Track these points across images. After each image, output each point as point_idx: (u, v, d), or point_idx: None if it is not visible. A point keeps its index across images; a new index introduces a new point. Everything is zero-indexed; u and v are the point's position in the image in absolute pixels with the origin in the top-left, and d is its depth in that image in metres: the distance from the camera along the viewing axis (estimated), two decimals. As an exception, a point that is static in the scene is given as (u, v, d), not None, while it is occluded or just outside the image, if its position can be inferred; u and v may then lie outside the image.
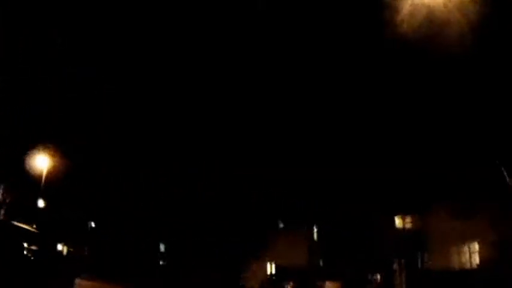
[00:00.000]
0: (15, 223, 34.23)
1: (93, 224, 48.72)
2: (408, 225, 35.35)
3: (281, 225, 40.74)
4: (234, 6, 32.63)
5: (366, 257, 35.61)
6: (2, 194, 37.91)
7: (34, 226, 37.28)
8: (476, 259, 33.07)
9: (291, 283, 37.55)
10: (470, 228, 32.38)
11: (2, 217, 37.64)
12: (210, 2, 33.76)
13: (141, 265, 41.41)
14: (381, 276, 34.73)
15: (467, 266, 33.23)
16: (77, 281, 34.42)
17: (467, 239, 33.25)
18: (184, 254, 40.74)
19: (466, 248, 33.53)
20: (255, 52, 33.14)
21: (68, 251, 45.82)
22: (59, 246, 43.71)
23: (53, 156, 38.72)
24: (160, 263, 43.10)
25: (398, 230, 35.59)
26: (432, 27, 25.23)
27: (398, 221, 35.73)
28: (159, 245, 43.43)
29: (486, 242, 32.45)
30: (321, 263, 38.15)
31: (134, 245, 43.12)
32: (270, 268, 40.84)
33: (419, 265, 33.78)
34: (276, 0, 31.74)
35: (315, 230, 39.99)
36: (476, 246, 33.15)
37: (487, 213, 31.08)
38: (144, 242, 43.32)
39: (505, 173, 28.87)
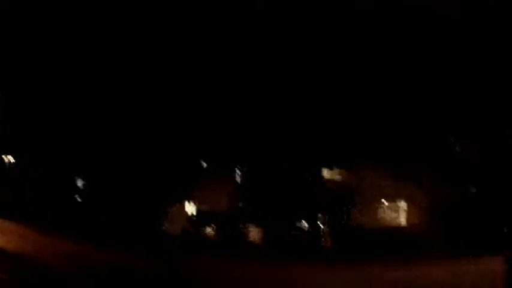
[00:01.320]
0: None
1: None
2: (337, 178, 35.35)
3: (204, 166, 39.57)
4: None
5: (291, 205, 35.57)
6: None
7: None
8: (404, 219, 33.78)
9: (214, 227, 37.04)
10: (401, 188, 32.85)
11: None
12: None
13: (52, 201, 39.41)
14: (308, 225, 34.89)
15: (394, 224, 33.95)
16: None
17: (396, 198, 33.79)
18: (104, 192, 38.96)
19: (394, 207, 34.12)
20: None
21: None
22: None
23: None
24: (78, 200, 40.94)
25: (326, 181, 35.56)
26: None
27: (326, 173, 35.65)
28: (75, 180, 41.07)
29: (415, 204, 33.10)
30: (245, 208, 37.78)
31: (44, 178, 40.79)
32: (192, 212, 39.98)
33: (346, 219, 34.11)
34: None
35: (240, 172, 39.29)
36: (405, 206, 33.77)
37: (422, 176, 31.51)
38: (58, 176, 41.04)
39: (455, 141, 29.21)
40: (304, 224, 35.14)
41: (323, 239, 33.16)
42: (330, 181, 35.06)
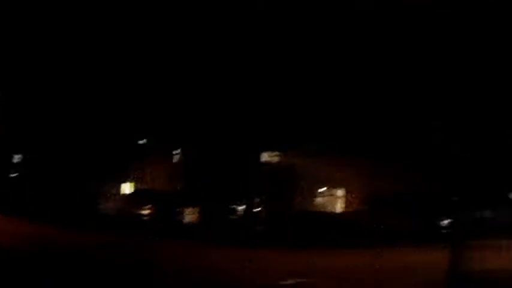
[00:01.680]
0: None
1: None
2: (276, 163, 35.43)
3: (143, 146, 38.78)
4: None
5: (229, 187, 35.36)
6: None
7: None
8: (341, 206, 34.11)
9: (150, 207, 36.48)
10: (341, 176, 33.11)
11: None
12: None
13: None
14: (245, 208, 34.76)
15: (331, 210, 34.26)
16: None
17: (335, 184, 34.09)
18: (43, 171, 37.76)
19: (332, 193, 34.43)
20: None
21: None
22: None
23: None
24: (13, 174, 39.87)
25: (265, 165, 35.59)
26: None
27: (265, 157, 35.67)
28: (12, 157, 39.98)
29: (352, 191, 33.44)
30: (183, 189, 37.30)
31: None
32: (129, 190, 39.30)
33: (283, 204, 34.17)
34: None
35: (178, 154, 38.73)
36: (342, 192, 34.09)
37: (360, 164, 31.77)
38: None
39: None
40: (241, 207, 35.16)
41: (259, 222, 33.20)
42: (269, 166, 35.16)
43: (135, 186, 39.10)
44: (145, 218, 36.44)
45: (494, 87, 28.83)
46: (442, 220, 29.87)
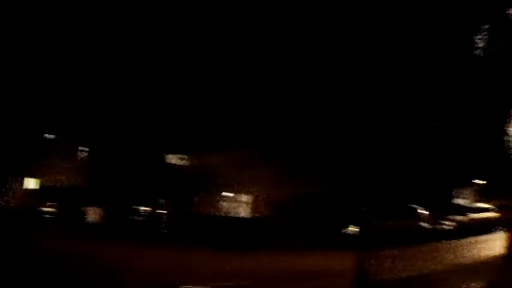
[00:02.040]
0: None
1: None
2: (182, 165, 35.53)
3: (49, 138, 37.90)
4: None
5: (134, 188, 35.19)
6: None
7: None
8: (246, 209, 34.56)
9: (54, 204, 35.81)
10: (247, 178, 33.43)
11: None
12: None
13: None
14: (150, 210, 34.69)
15: (237, 213, 34.67)
16: None
17: (242, 188, 34.46)
18: None
19: (238, 197, 34.83)
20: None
21: None
22: None
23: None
24: None
25: (171, 167, 35.61)
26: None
27: (172, 159, 35.68)
28: None
29: (259, 195, 33.86)
30: (87, 186, 36.82)
31: None
32: (33, 186, 38.37)
33: (187, 206, 34.31)
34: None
35: (84, 152, 38.20)
36: (249, 196, 34.53)
37: (268, 168, 32.08)
38: None
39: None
40: (146, 207, 35.08)
41: (163, 223, 33.20)
42: (176, 168, 35.23)
43: (40, 182, 38.34)
44: (48, 215, 35.74)
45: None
46: (349, 227, 30.50)
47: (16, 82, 35.36)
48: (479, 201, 38.60)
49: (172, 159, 35.24)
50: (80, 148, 39.05)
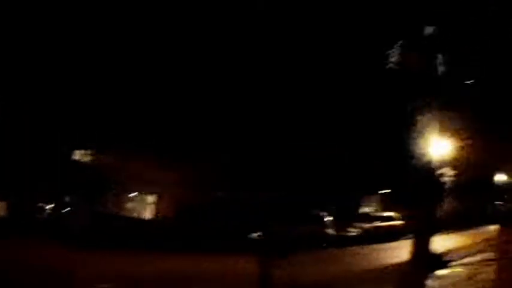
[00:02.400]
0: None
1: None
2: (88, 161, 34.54)
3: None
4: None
5: (39, 184, 33.89)
6: None
7: None
8: (151, 210, 34.13)
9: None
10: (155, 179, 32.97)
11: None
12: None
13: None
14: (53, 207, 33.51)
15: (141, 214, 34.19)
16: None
17: (149, 188, 34.03)
18: None
19: (145, 196, 34.39)
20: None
21: None
22: None
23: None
24: None
25: (77, 164, 34.62)
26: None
27: (77, 155, 34.66)
28: None
29: (165, 196, 33.51)
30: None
31: None
32: None
33: (94, 204, 33.40)
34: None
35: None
36: (154, 198, 34.13)
37: (176, 169, 31.70)
38: None
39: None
40: (50, 204, 33.97)
41: (69, 221, 32.17)
42: (83, 165, 34.28)
43: None
44: None
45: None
46: (254, 232, 30.49)
47: None
48: (385, 210, 39.67)
49: (81, 156, 34.22)
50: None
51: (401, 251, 24.81)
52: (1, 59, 31.14)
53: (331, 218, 33.59)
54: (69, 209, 33.16)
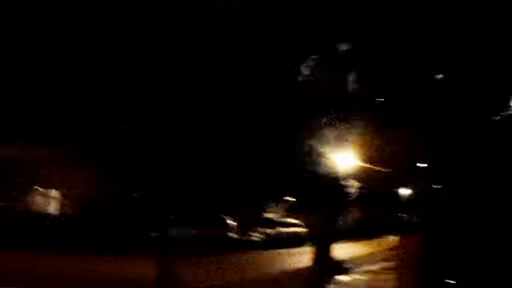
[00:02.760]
0: None
1: None
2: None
3: None
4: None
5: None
6: None
7: None
8: (55, 206, 33.23)
9: None
10: (59, 173, 31.87)
11: None
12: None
13: None
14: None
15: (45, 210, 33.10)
16: None
17: (52, 183, 33.03)
18: None
19: (48, 192, 33.36)
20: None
21: None
22: None
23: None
24: None
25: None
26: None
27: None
28: None
29: (71, 192, 32.61)
30: None
31: None
32: None
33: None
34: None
35: None
36: (58, 194, 33.26)
37: (84, 163, 30.72)
38: None
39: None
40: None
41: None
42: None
43: None
44: None
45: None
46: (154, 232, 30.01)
47: None
48: (289, 216, 40.45)
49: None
50: None
51: (302, 257, 25.39)
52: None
53: (234, 222, 33.83)
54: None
